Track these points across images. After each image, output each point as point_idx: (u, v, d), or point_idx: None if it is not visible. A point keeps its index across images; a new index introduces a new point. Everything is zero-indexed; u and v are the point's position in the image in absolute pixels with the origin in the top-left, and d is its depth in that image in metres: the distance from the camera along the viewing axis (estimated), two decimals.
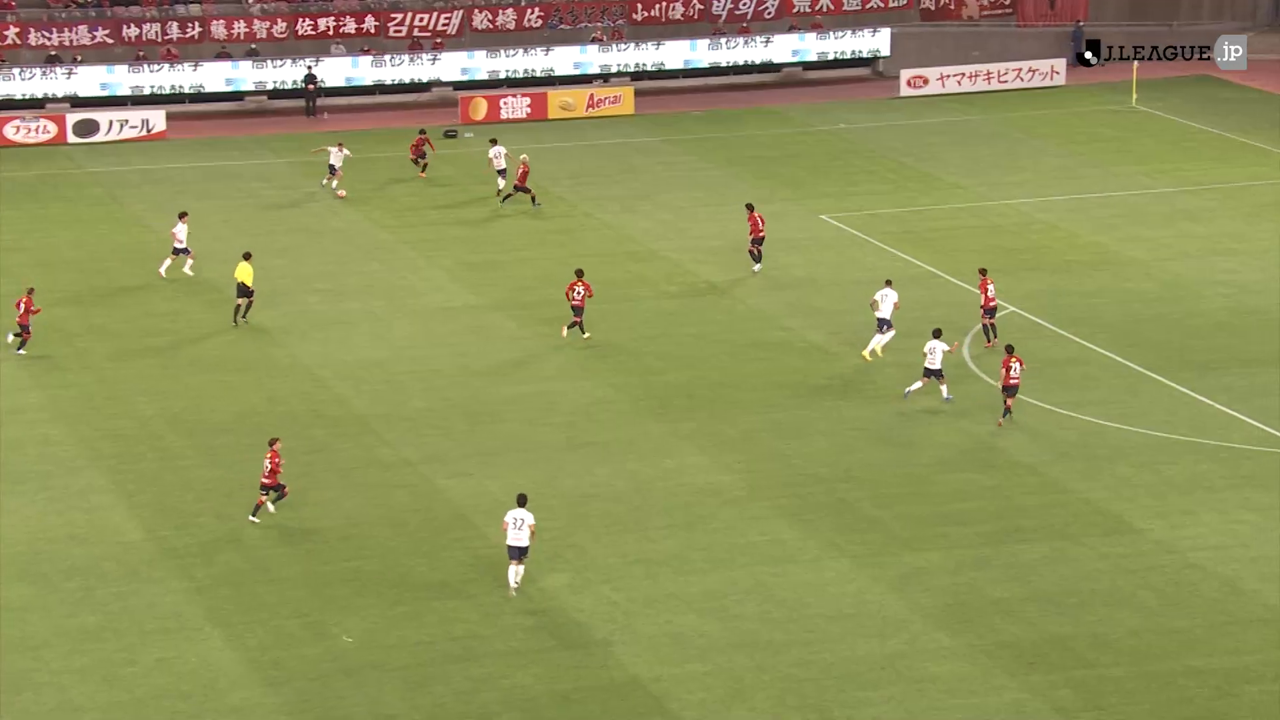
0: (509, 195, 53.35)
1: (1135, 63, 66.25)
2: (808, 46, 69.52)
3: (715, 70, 69.23)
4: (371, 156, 59.49)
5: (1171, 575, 31.24)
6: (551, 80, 67.22)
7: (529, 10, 69.45)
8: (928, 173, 57.41)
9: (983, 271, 42.36)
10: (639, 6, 70.52)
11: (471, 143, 61.70)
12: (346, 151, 54.60)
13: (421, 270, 48.80)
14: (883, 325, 41.07)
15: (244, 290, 43.74)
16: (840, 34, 69.64)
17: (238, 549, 32.74)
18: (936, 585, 31.19)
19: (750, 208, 48.07)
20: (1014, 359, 37.45)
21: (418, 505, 34.64)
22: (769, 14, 71.21)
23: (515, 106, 65.14)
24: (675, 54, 68.76)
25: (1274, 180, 55.31)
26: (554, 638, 29.76)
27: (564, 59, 67.62)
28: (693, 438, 37.55)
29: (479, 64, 66.93)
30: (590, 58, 67.91)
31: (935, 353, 38.35)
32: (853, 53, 69.74)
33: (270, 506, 33.65)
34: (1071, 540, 32.64)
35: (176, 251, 47.34)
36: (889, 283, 42.16)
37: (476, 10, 68.97)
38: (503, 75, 67.00)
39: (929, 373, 38.43)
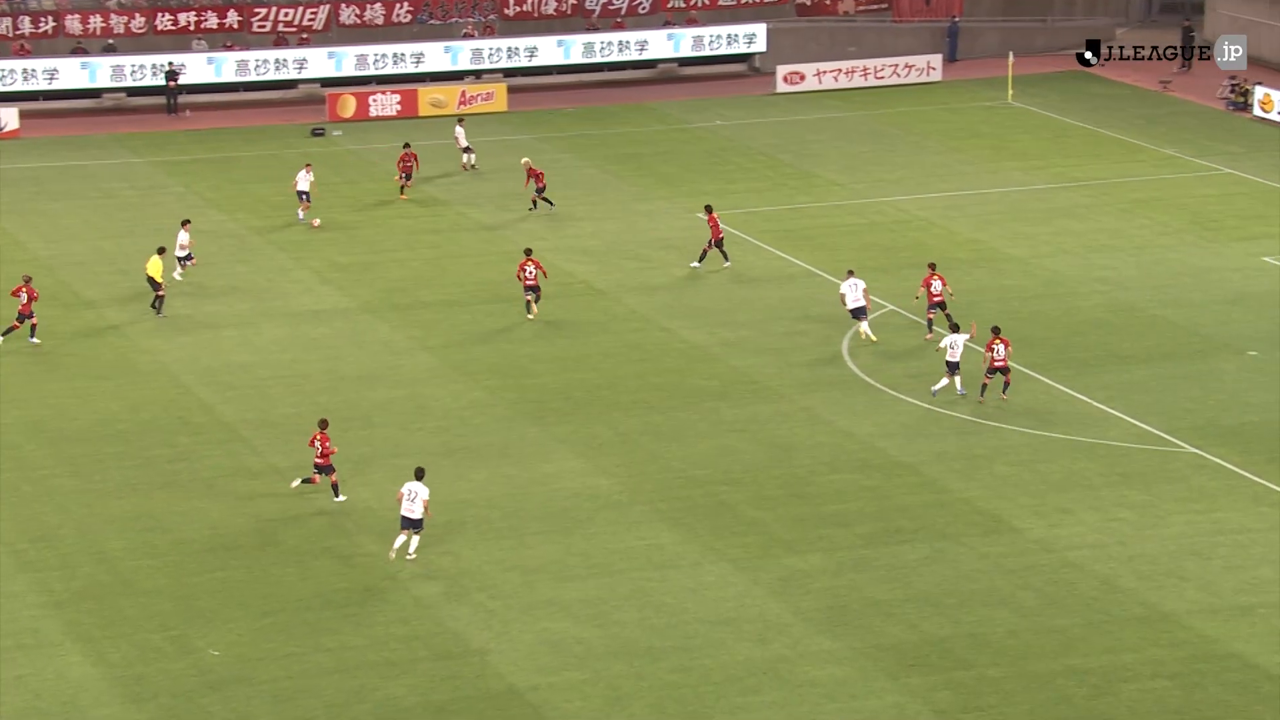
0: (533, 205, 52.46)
1: (1010, 58, 66.55)
2: (683, 42, 69.18)
3: (590, 67, 68.70)
4: (236, 155, 58.35)
5: (1050, 574, 31.12)
6: (422, 77, 66.34)
7: (398, 5, 68.49)
8: (806, 170, 57.25)
9: (931, 266, 42.65)
10: (510, 2, 69.81)
11: (340, 141, 60.74)
12: (312, 174, 51.44)
13: (289, 272, 47.83)
14: (858, 314, 41.70)
15: (154, 284, 43.70)
16: (716, 30, 69.39)
17: (99, 561, 31.74)
18: (817, 588, 30.86)
19: (709, 209, 47.39)
20: (999, 340, 37.65)
21: (287, 514, 33.80)
22: (643, 9, 70.80)
23: (385, 104, 64.20)
24: (548, 50, 68.15)
25: (1148, 176, 55.72)
26: (428, 648, 29.11)
27: (435, 55, 66.77)
28: (570, 441, 37.01)
29: (347, 60, 65.87)
30: (462, 53, 67.12)
31: (957, 346, 37.98)
32: (729, 48, 69.51)
33: (337, 490, 33.86)
34: (951, 540, 32.44)
35: (181, 259, 46.27)
36: (851, 273, 42.43)
37: (343, 5, 67.92)
38: (371, 72, 66.02)
39: (951, 367, 38.03)
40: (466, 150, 57.38)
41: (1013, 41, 70.74)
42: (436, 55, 66.83)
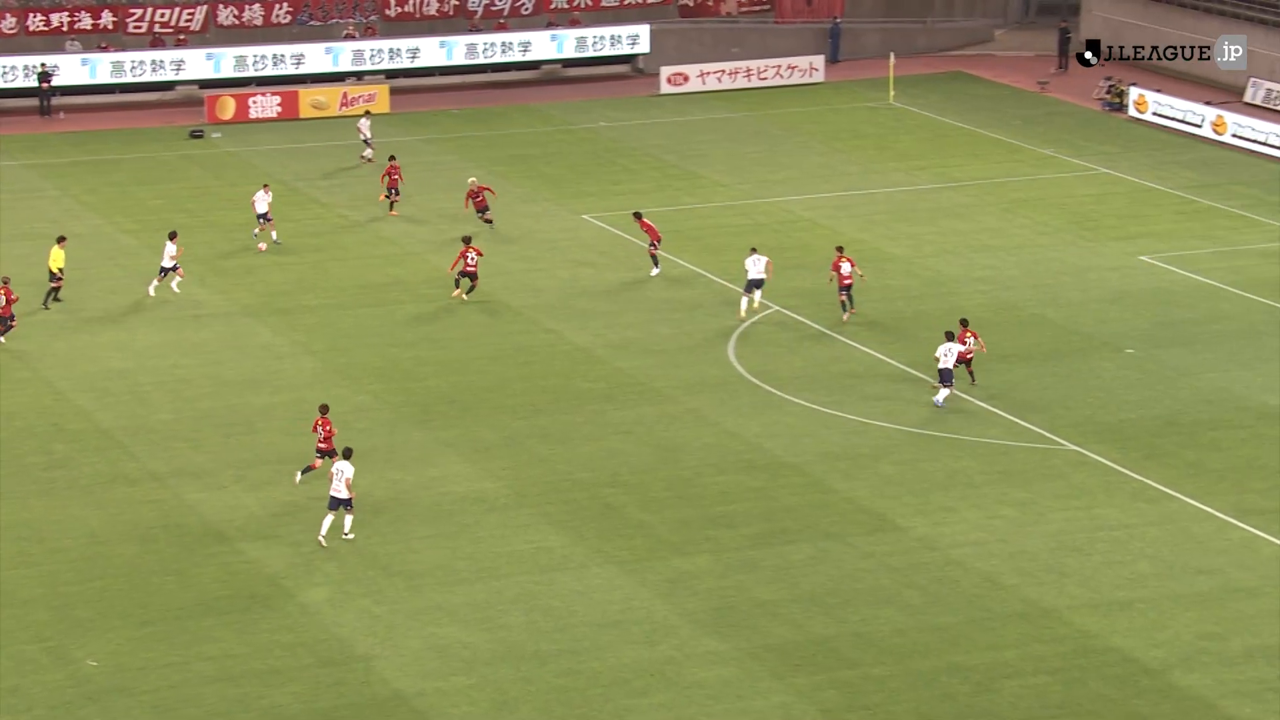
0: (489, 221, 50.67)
1: (891, 59, 67.09)
2: (567, 43, 69.10)
3: (473, 68, 68.43)
4: (113, 158, 57.52)
5: (934, 572, 31.35)
6: (303, 78, 65.74)
7: (277, 6, 67.84)
8: (691, 171, 57.35)
9: (839, 249, 43.50)
10: (391, 2, 69.36)
11: (219, 143, 60.07)
12: (270, 195, 49.13)
13: (169, 277, 47.16)
14: (751, 286, 43.40)
15: (53, 276, 43.43)
16: (599, 31, 69.37)
17: None
18: (704, 589, 30.89)
19: (638, 215, 46.92)
20: (969, 333, 38.39)
21: (167, 521, 33.33)
22: (526, 10, 70.63)
23: (265, 105, 63.53)
24: (430, 51, 67.77)
25: (1027, 176, 56.35)
26: (313, 655, 28.81)
27: (315, 56, 66.18)
28: (456, 445, 36.80)
29: (225, 61, 65.11)
30: (343, 54, 66.57)
31: (951, 354, 37.98)
32: (612, 49, 69.51)
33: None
34: (836, 540, 32.60)
35: (164, 270, 45.29)
36: (754, 250, 44.01)
37: (221, 6, 67.16)
38: (251, 73, 65.31)
39: (944, 375, 37.96)
40: (367, 143, 57.10)
41: (893, 42, 71.34)
42: (317, 56, 66.27)
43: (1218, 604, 30.00)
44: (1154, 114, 61.86)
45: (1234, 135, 58.96)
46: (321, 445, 34.45)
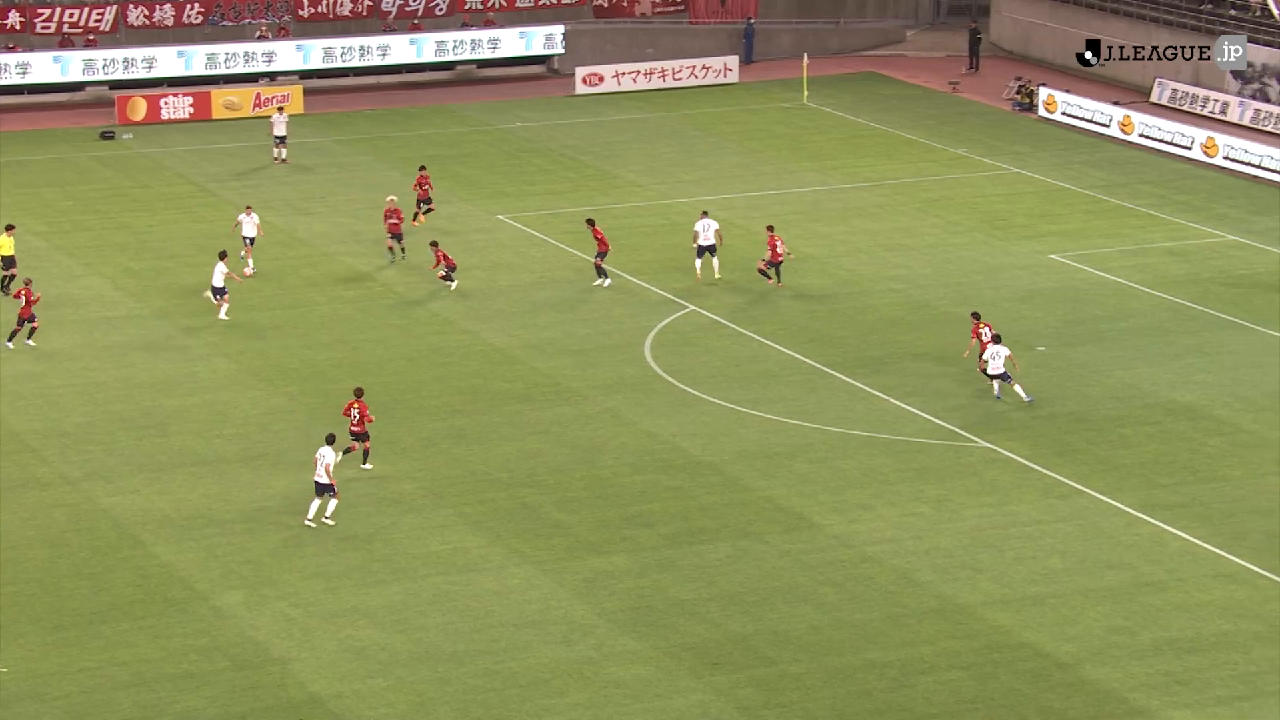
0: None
1: (804, 59, 67.47)
2: (481, 44, 68.97)
3: (387, 68, 68.20)
4: (21, 160, 56.87)
5: (849, 569, 31.58)
6: (215, 79, 65.27)
7: (189, 6, 67.29)
8: (607, 171, 57.43)
9: (770, 228, 45.63)
10: (305, 3, 69.00)
11: (130, 144, 59.56)
12: (256, 217, 47.44)
13: (80, 279, 46.76)
14: (702, 251, 45.83)
15: (7, 262, 43.58)
16: (514, 31, 69.30)
17: None
18: (622, 588, 30.98)
19: (590, 222, 46.55)
20: (982, 325, 39.01)
21: (79, 525, 33.03)
22: (440, 11, 70.46)
23: (177, 106, 63.02)
24: (344, 51, 67.45)
25: (940, 176, 56.83)
26: (228, 658, 28.67)
27: (228, 56, 65.69)
28: (372, 446, 36.64)
29: (136, 61, 64.47)
30: (256, 55, 66.13)
31: (998, 358, 38.28)
32: (527, 50, 69.49)
33: (365, 464, 35.09)
34: (753, 538, 32.78)
35: (218, 291, 44.30)
36: (705, 213, 46.30)
37: (131, 6, 66.53)
38: (163, 74, 64.73)
39: (995, 377, 38.37)
40: (281, 141, 56.78)
41: (807, 43, 71.75)
42: (229, 57, 65.78)
43: (1127, 598, 30.41)
44: (1063, 114, 62.56)
45: (1141, 135, 59.72)
46: (354, 429, 35.05)
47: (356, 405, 35.17)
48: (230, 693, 27.73)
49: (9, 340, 41.43)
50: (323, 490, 32.92)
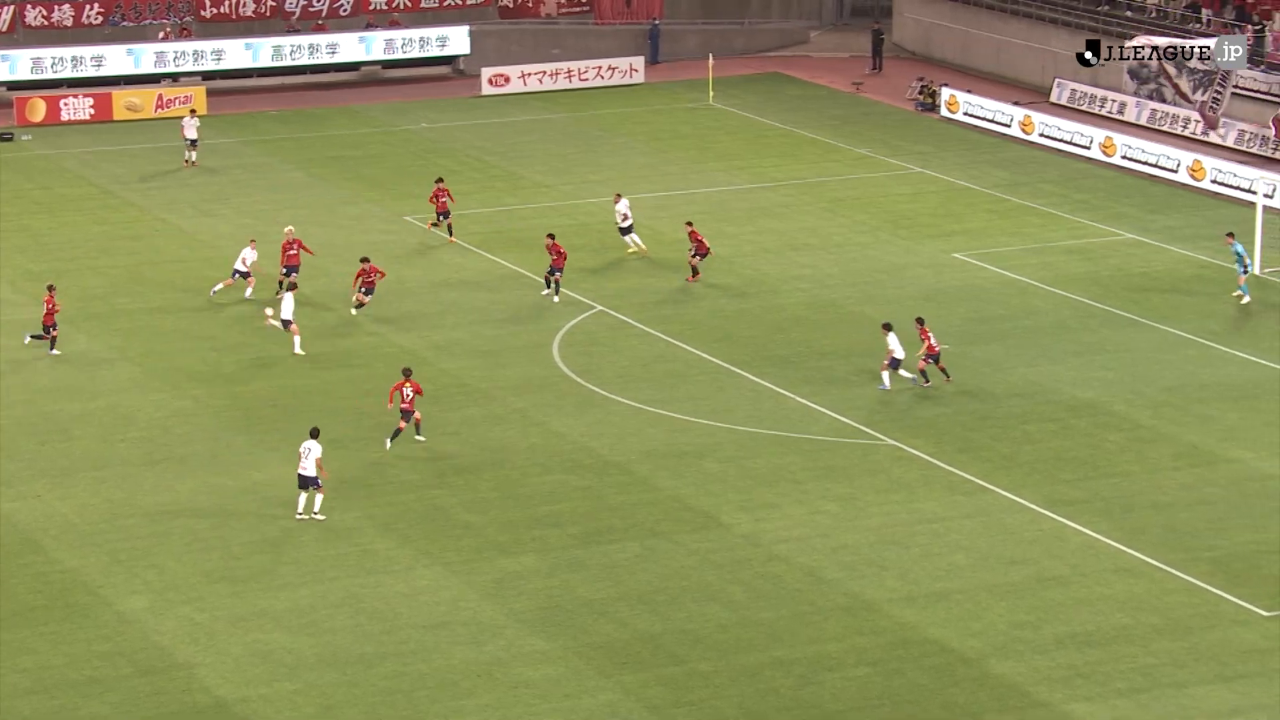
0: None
1: (710, 60, 67.74)
2: (386, 45, 68.74)
3: (291, 69, 67.81)
4: None
5: (757, 568, 31.78)
6: (116, 80, 64.60)
7: (88, 6, 66.57)
8: (513, 172, 57.41)
9: (689, 223, 46.72)
10: (207, 3, 68.47)
11: (30, 146, 58.85)
12: (256, 255, 45.55)
13: None
14: (625, 232, 47.84)
15: None
16: (419, 32, 69.11)
17: None
18: (531, 589, 31.01)
19: (551, 237, 45.53)
20: (926, 330, 39.32)
21: None
22: (345, 11, 70.14)
23: (77, 108, 62.33)
24: (247, 52, 67.00)
25: (845, 175, 57.23)
26: (132, 664, 28.44)
27: (129, 57, 65.06)
28: (280, 449, 36.49)
29: (36, 62, 63.69)
30: (157, 55, 65.55)
31: (896, 348, 39.00)
32: (433, 51, 69.31)
33: (418, 435, 36.21)
34: (662, 537, 32.91)
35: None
36: (619, 196, 48.59)
37: (29, 6, 65.73)
38: (62, 74, 63.97)
39: (894, 363, 39.16)
40: (192, 144, 56.33)
41: (712, 43, 72.04)
42: (131, 57, 65.17)
43: (1030, 593, 30.79)
44: (965, 114, 63.18)
45: (1041, 135, 60.44)
46: (405, 406, 35.73)
47: (408, 384, 36.00)
48: (134, 699, 27.52)
49: (33, 339, 41.36)
50: (307, 484, 33.02)
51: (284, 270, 44.81)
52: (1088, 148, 58.68)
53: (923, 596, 30.71)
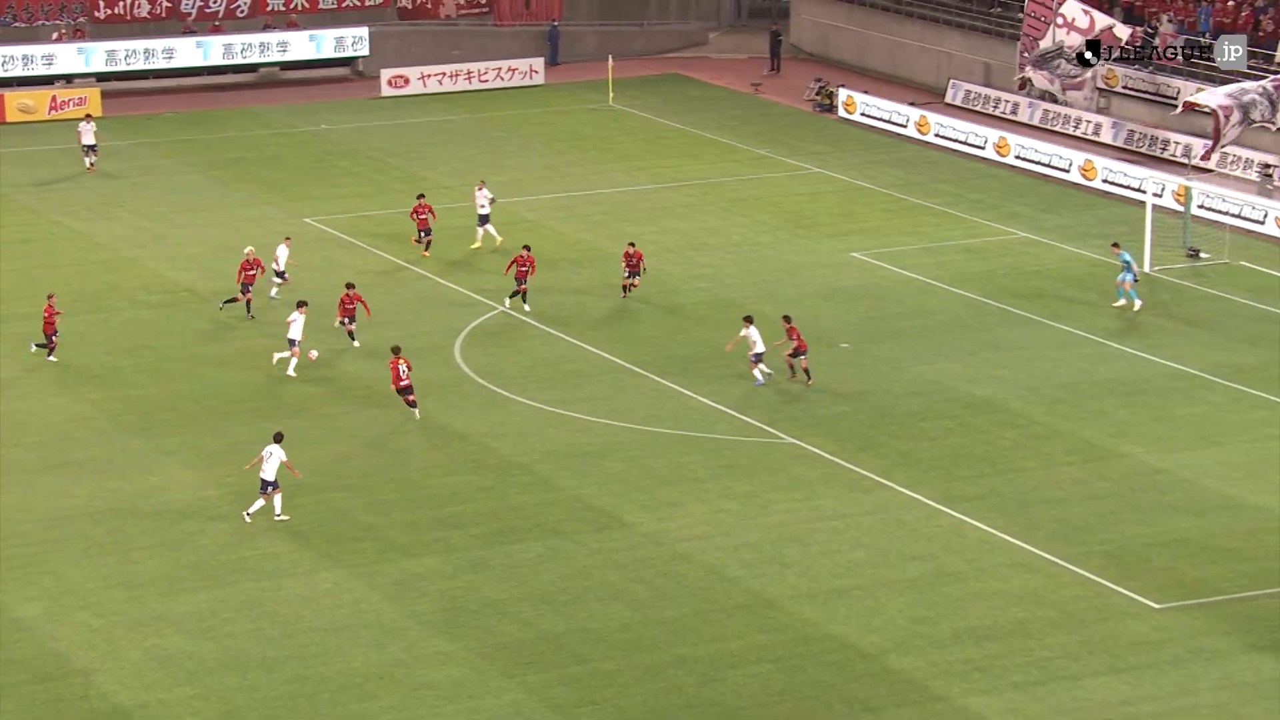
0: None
1: (609, 61, 67.90)
2: (284, 46, 68.34)
3: (188, 70, 67.26)
4: None
5: (660, 567, 31.95)
6: (8, 82, 63.77)
7: None
8: (414, 173, 57.28)
9: (631, 244, 45.38)
10: (101, 4, 67.76)
11: None
12: (288, 251, 45.08)
13: None
14: (483, 221, 48.47)
15: None
16: (317, 33, 68.77)
17: None
18: (433, 590, 31.01)
19: (527, 248, 44.80)
20: (794, 328, 39.57)
21: None
22: (242, 12, 69.66)
23: None
24: (142, 53, 66.36)
25: (744, 176, 57.56)
26: (28, 670, 28.17)
27: (21, 58, 64.24)
28: (178, 453, 36.27)
29: None
30: (50, 57, 64.79)
31: (758, 343, 39.33)
32: (332, 52, 68.99)
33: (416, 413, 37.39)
34: (564, 537, 33.00)
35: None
36: (483, 184, 49.16)
37: None
38: None
39: (758, 357, 39.47)
40: (90, 149, 55.68)
41: (611, 45, 72.20)
42: (23, 59, 64.35)
43: (928, 589, 31.16)
44: (862, 114, 63.73)
45: (936, 135, 61.08)
46: (404, 383, 37.16)
47: (401, 361, 37.11)
48: (31, 706, 27.25)
49: (38, 348, 40.89)
50: (266, 486, 32.94)
51: (242, 289, 43.47)
52: (982, 148, 59.38)
53: (823, 593, 31.00)
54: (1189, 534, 33.01)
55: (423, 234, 48.51)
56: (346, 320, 41.90)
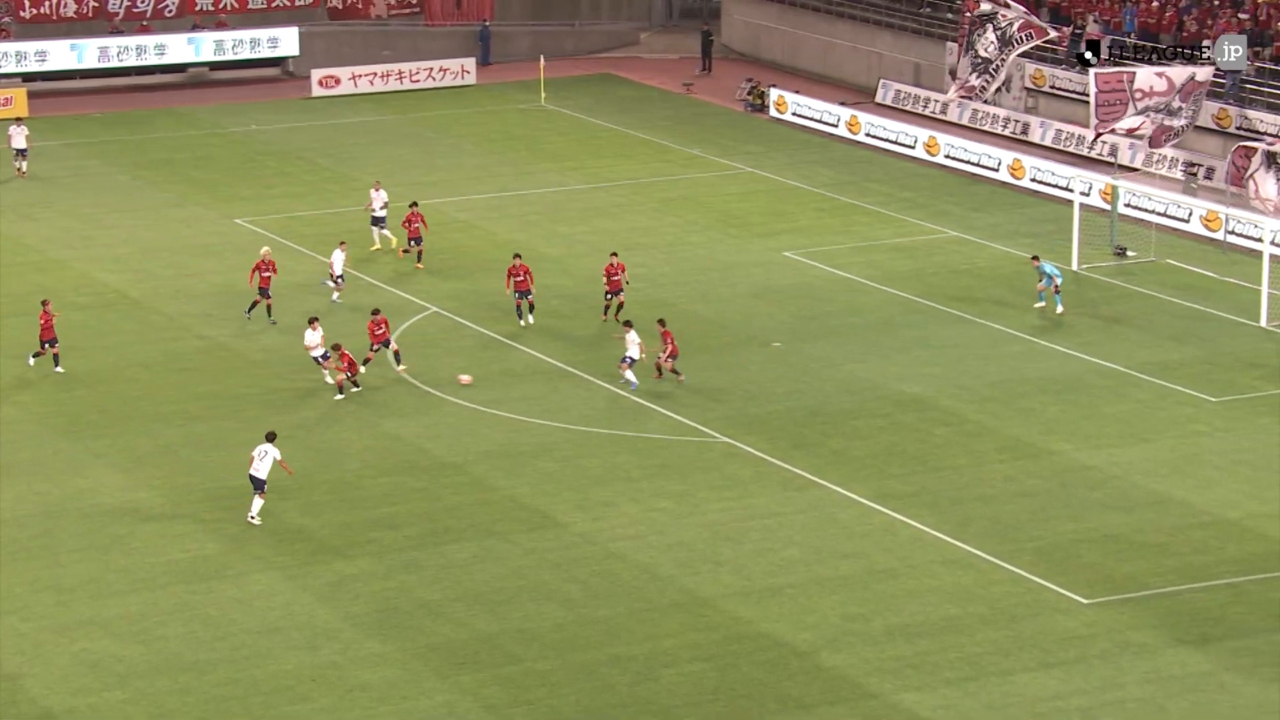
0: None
1: (541, 61, 67.87)
2: (214, 46, 67.92)
3: (116, 71, 66.73)
4: None
5: (594, 566, 31.98)
6: None
7: None
8: (345, 174, 57.07)
9: (614, 255, 44.23)
10: (26, 4, 67.11)
11: None
12: (344, 256, 44.74)
13: None
14: (378, 223, 48.20)
15: None
16: (247, 34, 68.39)
17: None
18: (367, 591, 30.91)
19: (518, 256, 44.20)
20: (669, 332, 39.53)
21: None
22: (170, 12, 69.17)
23: None
24: (68, 53, 65.78)
25: (676, 175, 57.66)
26: None
27: None
28: (107, 455, 36.01)
29: None
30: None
31: (633, 345, 39.16)
32: (262, 52, 68.62)
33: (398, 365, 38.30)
34: (498, 538, 32.98)
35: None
36: (378, 184, 48.66)
37: None
38: None
39: (631, 363, 39.22)
40: (20, 154, 55.02)
41: (543, 45, 72.15)
42: None
43: (861, 586, 31.33)
44: (793, 114, 63.97)
45: (867, 134, 61.39)
46: (382, 336, 38.45)
47: (382, 321, 38.77)
48: None
49: (36, 359, 40.07)
50: (258, 485, 32.88)
51: (260, 294, 43.01)
52: (912, 147, 59.73)
53: (757, 591, 31.11)
54: (1118, 530, 33.33)
55: (413, 243, 47.45)
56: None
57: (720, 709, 27.56)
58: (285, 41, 68.77)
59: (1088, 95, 60.04)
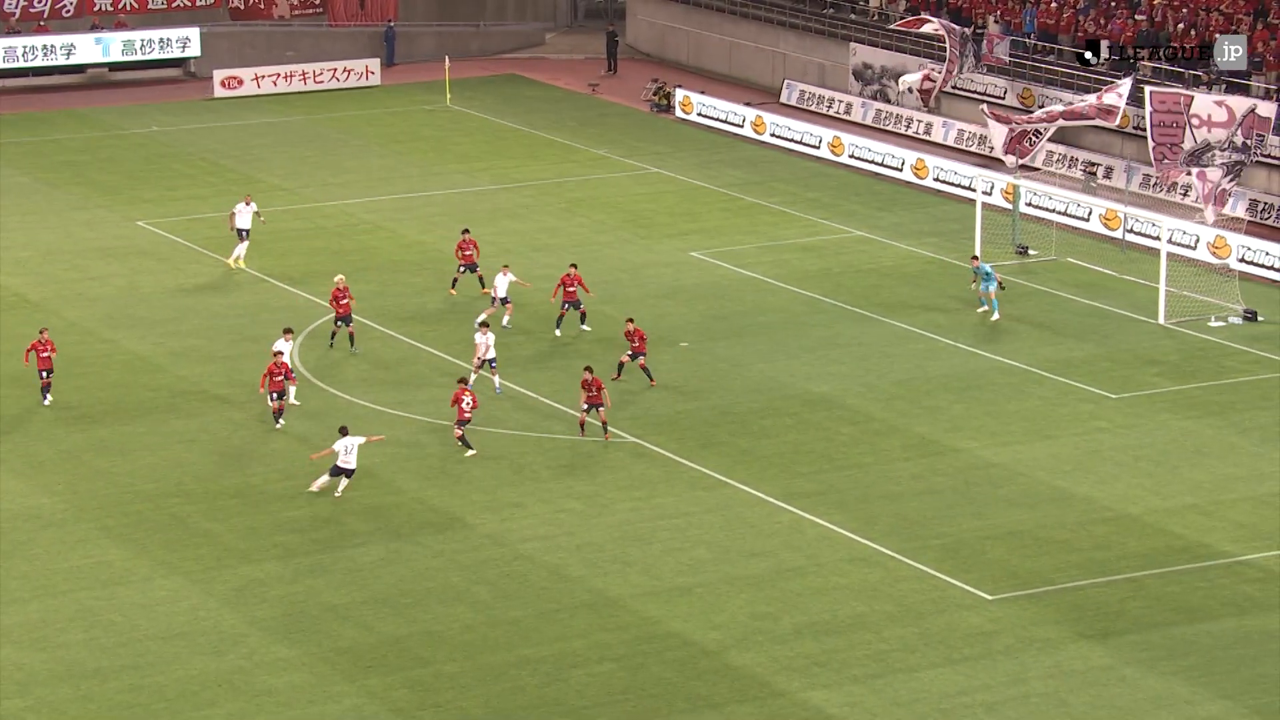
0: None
1: (446, 62, 67.66)
2: (113, 46, 67.18)
3: (13, 72, 65.87)
4: None
5: (502, 568, 31.93)
6: None
7: None
8: (249, 175, 56.64)
9: (573, 266, 43.05)
10: None
11: None
12: (509, 278, 43.04)
13: None
14: (241, 234, 46.67)
15: None
16: (147, 34, 67.71)
17: None
18: (273, 595, 30.71)
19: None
20: (638, 330, 39.63)
21: None
22: (68, 12, 68.36)
23: None
24: None
25: (583, 176, 57.67)
26: None
27: None
28: (6, 461, 35.56)
29: None
30: None
31: (489, 348, 39.02)
32: (163, 53, 67.95)
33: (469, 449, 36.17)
34: (406, 540, 32.85)
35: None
36: (248, 199, 47.56)
37: None
38: None
39: (492, 364, 39.16)
40: None
41: (448, 45, 71.98)
42: None
43: (769, 585, 31.47)
44: (699, 115, 64.15)
45: (773, 135, 61.67)
46: (466, 416, 36.06)
47: (471, 395, 36.25)
48: None
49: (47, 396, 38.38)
50: (340, 472, 33.87)
51: (338, 321, 41.44)
52: (817, 147, 60.05)
53: (666, 591, 31.18)
54: (1021, 526, 33.69)
55: (468, 270, 45.11)
56: (275, 396, 37.51)
57: (629, 709, 27.60)
58: (187, 42, 68.16)
59: (988, 96, 60.73)
